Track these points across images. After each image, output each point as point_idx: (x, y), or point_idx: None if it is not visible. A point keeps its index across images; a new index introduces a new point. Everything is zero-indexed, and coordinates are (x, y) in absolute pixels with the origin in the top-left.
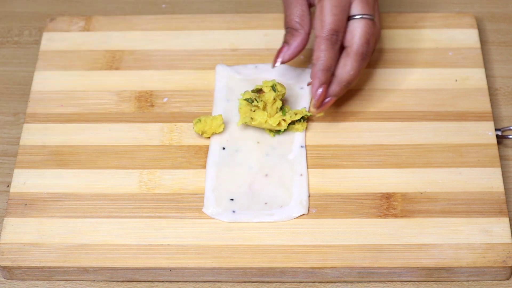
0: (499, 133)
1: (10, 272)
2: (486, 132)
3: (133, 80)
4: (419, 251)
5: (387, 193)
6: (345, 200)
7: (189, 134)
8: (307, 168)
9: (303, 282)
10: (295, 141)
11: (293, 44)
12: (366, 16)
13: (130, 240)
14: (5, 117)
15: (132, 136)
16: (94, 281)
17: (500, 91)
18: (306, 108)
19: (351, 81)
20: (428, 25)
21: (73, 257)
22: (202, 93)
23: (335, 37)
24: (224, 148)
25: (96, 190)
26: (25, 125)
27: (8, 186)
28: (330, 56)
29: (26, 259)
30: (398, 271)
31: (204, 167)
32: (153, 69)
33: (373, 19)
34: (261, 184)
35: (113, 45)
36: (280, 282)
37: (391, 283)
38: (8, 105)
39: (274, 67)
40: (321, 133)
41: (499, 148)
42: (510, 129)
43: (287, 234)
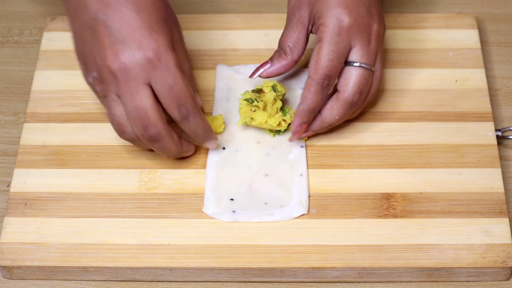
0: (499, 133)
1: (10, 272)
2: (486, 133)
3: None
4: (419, 252)
5: (387, 193)
6: (345, 200)
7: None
8: (307, 168)
9: (303, 282)
10: (295, 141)
11: (276, 65)
12: (363, 65)
13: (130, 239)
14: (5, 117)
15: None
16: (94, 280)
17: (500, 91)
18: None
19: (334, 124)
20: (428, 25)
21: (73, 256)
22: (202, 93)
23: (326, 81)
24: (224, 148)
25: (96, 190)
26: (25, 125)
27: (8, 186)
28: (316, 99)
29: (26, 259)
30: (398, 271)
31: (204, 167)
32: None
33: (371, 69)
34: (261, 184)
35: None
36: (280, 282)
37: (391, 283)
38: (8, 104)
39: (252, 77)
40: (321, 133)
41: (499, 149)
42: (510, 130)
43: (287, 234)
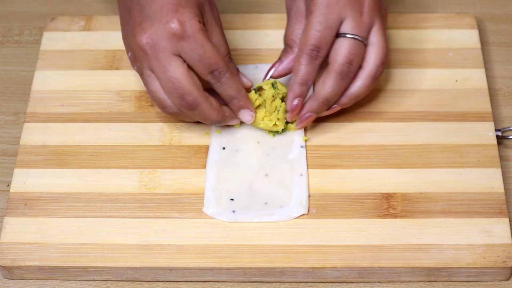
0: (499, 133)
1: (10, 272)
2: (486, 133)
3: (134, 80)
4: (419, 252)
5: (387, 193)
6: (345, 200)
7: (189, 134)
8: (307, 168)
9: (303, 282)
10: (295, 141)
11: (284, 61)
12: (353, 36)
13: (130, 239)
14: (5, 117)
15: (132, 136)
16: (94, 280)
17: (501, 91)
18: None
19: (329, 98)
20: (428, 25)
21: (73, 256)
22: None
23: (315, 52)
24: (224, 148)
25: (96, 190)
26: (25, 125)
27: (8, 186)
28: (308, 70)
29: (26, 259)
30: (398, 271)
31: (204, 167)
32: None
33: (363, 41)
34: (261, 184)
35: (114, 45)
36: (280, 282)
37: (391, 283)
38: (8, 104)
39: (265, 79)
40: (321, 133)
41: (499, 149)
42: (510, 130)
43: (287, 234)
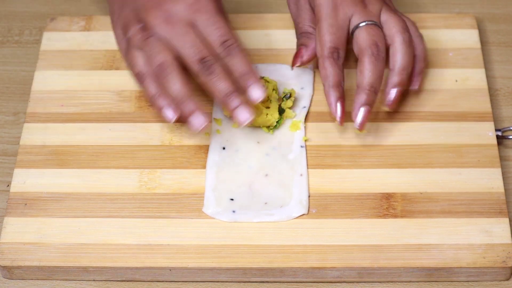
0: (499, 133)
1: (10, 272)
2: (486, 133)
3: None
4: (419, 252)
5: (387, 193)
6: (345, 200)
7: (189, 134)
8: (307, 168)
9: (303, 282)
10: (295, 141)
11: (311, 45)
12: (366, 23)
13: (130, 239)
14: (5, 117)
15: (132, 136)
16: (94, 280)
17: (501, 91)
18: (306, 108)
19: (372, 83)
20: (428, 25)
21: (73, 256)
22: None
23: (336, 54)
24: (224, 148)
25: (96, 190)
26: (25, 125)
27: (8, 186)
28: (336, 72)
29: (26, 259)
30: (398, 271)
31: (204, 167)
32: None
33: (376, 23)
34: (261, 184)
35: (114, 45)
36: (280, 282)
37: (391, 283)
38: (8, 104)
39: (293, 68)
40: (321, 133)
41: (499, 149)
42: (510, 130)
43: (287, 234)
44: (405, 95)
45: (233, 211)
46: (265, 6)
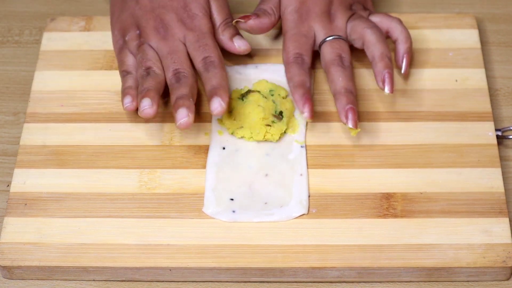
0: (499, 133)
1: (10, 272)
2: (486, 133)
3: None
4: (419, 251)
5: (387, 193)
6: (345, 200)
7: (189, 134)
8: (307, 168)
9: (303, 282)
10: (295, 141)
11: (263, 20)
12: (329, 38)
13: (130, 239)
14: (5, 117)
15: (132, 136)
16: (94, 280)
17: (501, 91)
18: (307, 115)
19: (346, 86)
20: (428, 25)
21: (73, 256)
22: (202, 92)
23: (300, 59)
24: (224, 148)
25: (96, 190)
26: (25, 125)
27: (8, 186)
28: (299, 72)
29: (26, 259)
30: (398, 271)
31: (204, 167)
32: None
33: (340, 38)
34: (261, 184)
35: None
36: (280, 282)
37: (391, 283)
38: (8, 104)
39: (235, 23)
40: (321, 133)
41: (499, 149)
42: (510, 130)
43: (287, 234)
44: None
45: (233, 211)
46: None
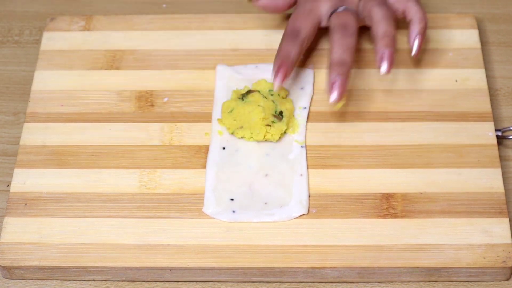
0: (499, 133)
1: (10, 272)
2: (486, 133)
3: (134, 80)
4: (419, 252)
5: (387, 193)
6: (345, 200)
7: (189, 134)
8: (307, 168)
9: (303, 282)
10: (295, 141)
11: (277, 1)
12: (337, 10)
13: (130, 239)
14: (5, 117)
15: (132, 136)
16: (94, 280)
17: (501, 91)
18: (306, 109)
19: (340, 57)
20: (428, 25)
21: (73, 256)
22: (202, 93)
23: (295, 31)
24: (224, 148)
25: (96, 190)
26: (25, 125)
27: (8, 186)
28: (287, 44)
29: (26, 259)
30: (398, 271)
31: (204, 167)
32: (153, 69)
33: (347, 8)
34: (261, 184)
35: (114, 45)
36: (280, 282)
37: (391, 283)
38: (8, 104)
39: (250, 1)
40: (321, 133)
41: (499, 149)
42: (510, 130)
43: (287, 234)
44: (405, 96)
45: (233, 211)
46: None
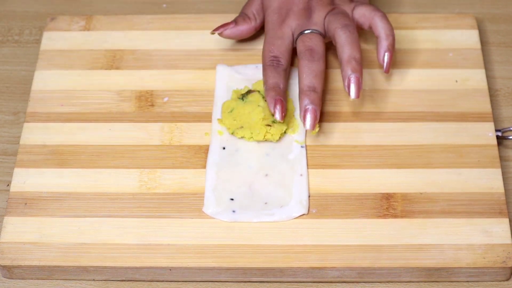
0: (499, 134)
1: (10, 271)
2: (486, 133)
3: (134, 80)
4: (419, 252)
5: (387, 193)
6: (345, 200)
7: (189, 134)
8: (307, 168)
9: (303, 282)
10: (295, 142)
11: (241, 27)
12: (305, 32)
13: (130, 239)
14: (5, 116)
15: (132, 135)
16: (94, 280)
17: (501, 92)
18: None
19: (309, 84)
20: (428, 26)
21: (73, 256)
22: (202, 93)
23: (275, 61)
24: (224, 148)
25: (96, 190)
26: (25, 124)
27: (8, 185)
28: (273, 75)
29: (26, 258)
30: (398, 271)
31: (204, 167)
32: (153, 68)
33: (313, 31)
34: (261, 184)
35: (114, 45)
36: (280, 282)
37: (391, 283)
38: (8, 104)
39: (212, 34)
40: (321, 133)
41: (499, 149)
42: (510, 130)
43: (287, 234)
44: (405, 96)
45: (233, 211)
46: None
